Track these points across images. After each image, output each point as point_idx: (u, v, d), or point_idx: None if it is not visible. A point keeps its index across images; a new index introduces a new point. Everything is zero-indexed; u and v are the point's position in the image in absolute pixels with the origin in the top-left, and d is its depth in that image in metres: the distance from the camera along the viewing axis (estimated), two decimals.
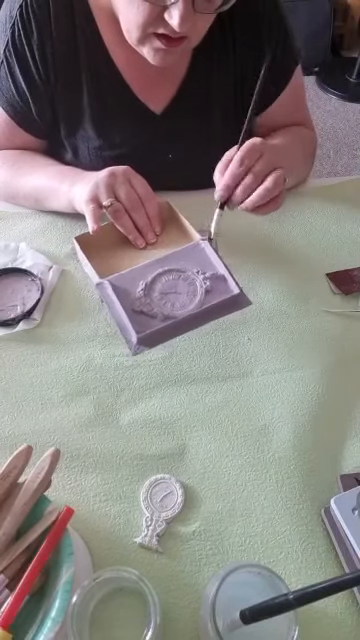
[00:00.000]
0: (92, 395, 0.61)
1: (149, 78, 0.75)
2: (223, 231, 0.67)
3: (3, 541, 0.41)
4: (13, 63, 0.72)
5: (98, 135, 0.78)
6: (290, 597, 0.35)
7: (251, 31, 0.75)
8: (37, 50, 0.71)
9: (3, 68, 0.73)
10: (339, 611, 0.47)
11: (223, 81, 0.78)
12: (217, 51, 0.75)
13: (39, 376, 0.62)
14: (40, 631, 0.38)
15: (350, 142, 2.28)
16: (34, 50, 0.71)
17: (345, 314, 0.68)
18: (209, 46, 0.73)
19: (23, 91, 0.74)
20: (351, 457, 0.56)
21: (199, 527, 0.51)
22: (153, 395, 0.61)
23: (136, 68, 0.74)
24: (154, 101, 0.78)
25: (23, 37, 0.70)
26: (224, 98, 0.79)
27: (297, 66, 0.81)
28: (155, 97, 0.78)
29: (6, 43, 0.71)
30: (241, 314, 0.68)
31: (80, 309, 0.68)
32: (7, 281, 0.70)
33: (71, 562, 0.41)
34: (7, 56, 0.72)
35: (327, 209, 0.82)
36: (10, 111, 0.77)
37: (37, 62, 0.72)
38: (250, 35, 0.75)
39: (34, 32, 0.70)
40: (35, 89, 0.74)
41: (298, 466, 0.55)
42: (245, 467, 0.55)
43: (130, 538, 0.50)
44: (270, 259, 0.75)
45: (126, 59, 0.74)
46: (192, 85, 0.77)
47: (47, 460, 0.45)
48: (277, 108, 0.82)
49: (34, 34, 0.70)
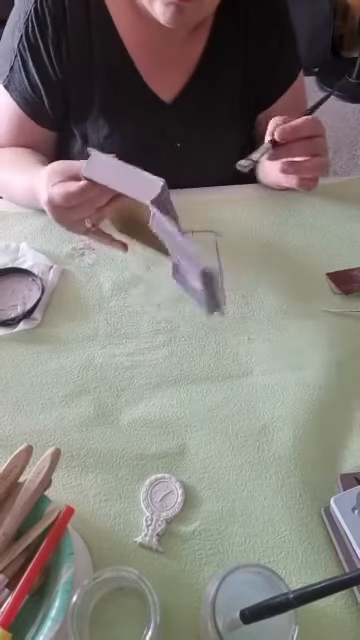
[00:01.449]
0: (92, 395, 0.61)
1: (160, 66, 0.77)
2: (223, 231, 0.67)
3: (3, 541, 0.41)
4: (27, 56, 0.73)
5: (108, 123, 0.79)
6: (290, 596, 0.35)
7: (263, 29, 0.77)
8: (52, 44, 0.72)
9: (17, 62, 0.74)
10: (339, 611, 0.47)
11: (233, 74, 0.80)
12: (229, 44, 0.77)
13: (39, 376, 0.62)
14: (40, 631, 0.38)
15: (350, 142, 2.28)
16: (49, 44, 0.72)
17: (345, 314, 0.68)
18: (222, 39, 0.76)
19: (36, 84, 0.75)
20: (351, 457, 0.56)
21: (199, 527, 0.51)
22: (153, 395, 0.61)
23: (148, 56, 0.76)
24: (164, 90, 0.79)
25: (37, 32, 0.72)
26: (233, 90, 0.81)
27: (301, 70, 0.85)
28: (166, 86, 0.79)
29: (20, 38, 0.72)
30: (241, 314, 0.68)
31: (80, 309, 0.68)
32: (8, 281, 0.70)
33: (71, 562, 0.41)
34: (21, 50, 0.73)
35: (327, 209, 0.82)
36: (22, 104, 0.77)
37: (51, 55, 0.73)
38: (262, 33, 0.78)
39: (49, 27, 0.71)
40: (48, 82, 0.75)
41: (298, 466, 0.55)
42: (245, 467, 0.55)
43: (130, 538, 0.50)
44: (270, 259, 0.75)
45: (139, 47, 0.75)
46: (203, 75, 0.79)
47: (47, 460, 0.45)
48: (279, 108, 0.84)
49: (49, 29, 0.71)
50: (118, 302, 0.69)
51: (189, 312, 0.68)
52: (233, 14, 0.76)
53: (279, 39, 0.80)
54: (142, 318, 0.68)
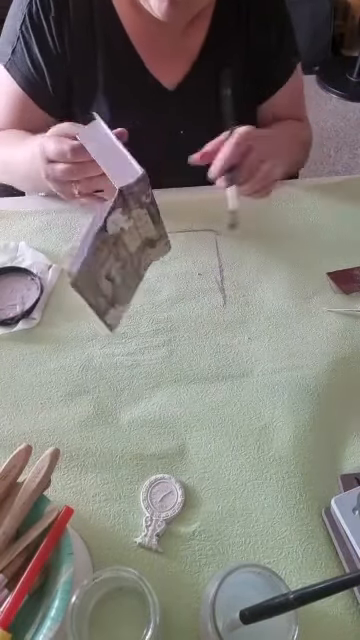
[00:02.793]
0: (92, 395, 0.60)
1: (162, 55, 0.78)
2: (223, 230, 0.67)
3: (3, 540, 0.41)
4: (30, 37, 0.74)
5: (111, 110, 0.79)
6: (290, 597, 0.35)
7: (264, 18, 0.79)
8: (54, 25, 0.73)
9: (19, 44, 0.75)
10: (339, 611, 0.47)
11: (235, 62, 0.80)
12: (231, 33, 0.78)
13: (38, 375, 0.62)
14: (39, 631, 0.38)
15: (350, 141, 2.27)
16: (51, 25, 0.73)
17: (346, 314, 0.68)
18: (223, 27, 0.77)
19: (39, 65, 0.76)
20: (351, 457, 0.56)
21: (199, 527, 0.51)
22: (153, 395, 0.61)
23: (150, 44, 0.76)
24: (167, 77, 0.80)
25: (41, 12, 0.73)
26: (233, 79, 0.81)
27: (299, 63, 0.86)
28: (168, 73, 0.79)
29: (22, 19, 0.73)
30: (241, 314, 0.68)
31: (80, 308, 0.68)
32: (6, 280, 0.70)
33: (70, 562, 0.41)
34: (23, 31, 0.74)
35: (327, 208, 0.81)
36: (25, 86, 0.78)
37: (54, 36, 0.74)
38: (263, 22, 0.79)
39: (52, 8, 0.72)
40: (51, 62, 0.75)
41: (298, 466, 0.55)
42: (245, 467, 0.55)
43: (130, 538, 0.50)
44: (270, 258, 0.75)
45: (140, 37, 0.76)
46: (205, 64, 0.79)
47: (46, 460, 0.45)
48: (278, 99, 0.85)
49: (52, 10, 0.72)
50: None
51: (189, 312, 0.68)
52: (234, 2, 0.77)
53: (279, 29, 0.81)
54: (142, 318, 0.67)
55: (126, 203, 0.46)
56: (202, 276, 0.72)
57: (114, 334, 0.65)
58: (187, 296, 0.70)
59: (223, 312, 0.68)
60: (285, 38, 0.82)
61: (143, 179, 0.46)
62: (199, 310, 0.68)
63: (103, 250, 0.45)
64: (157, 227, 0.51)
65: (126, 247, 0.48)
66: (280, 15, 0.81)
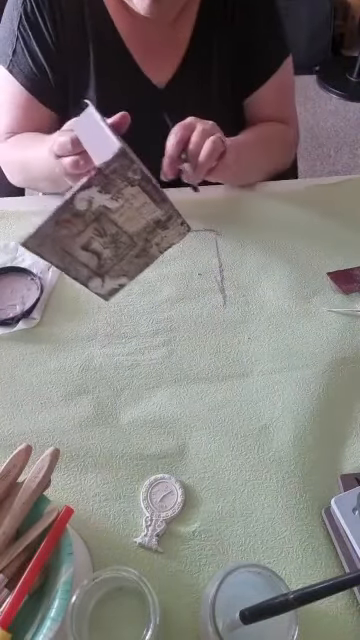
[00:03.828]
0: (92, 395, 0.60)
1: (151, 52, 0.78)
2: (223, 230, 0.67)
3: (2, 540, 0.41)
4: (28, 36, 0.75)
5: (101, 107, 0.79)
6: (290, 597, 0.35)
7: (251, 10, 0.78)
8: (49, 21, 0.74)
9: (19, 44, 0.75)
10: (339, 611, 0.46)
11: (222, 55, 0.80)
12: (217, 25, 0.78)
13: (38, 375, 0.62)
14: (39, 631, 0.38)
15: (350, 141, 2.27)
16: (46, 21, 0.74)
17: (346, 314, 0.68)
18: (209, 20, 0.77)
19: (40, 62, 0.76)
20: (351, 457, 0.56)
21: (199, 527, 0.51)
22: (153, 395, 0.61)
23: (139, 39, 0.77)
24: (157, 74, 0.80)
25: (36, 9, 0.73)
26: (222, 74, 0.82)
27: (288, 57, 0.84)
28: (158, 70, 0.80)
29: (19, 18, 0.74)
30: (241, 314, 0.68)
31: (80, 308, 0.68)
32: (6, 280, 0.70)
33: (70, 562, 0.41)
34: (21, 31, 0.75)
35: (327, 209, 0.81)
36: (28, 85, 0.78)
37: (50, 32, 0.74)
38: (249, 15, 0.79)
39: (46, 3, 0.73)
40: (52, 58, 0.76)
41: (298, 466, 0.55)
42: (245, 467, 0.55)
43: (130, 538, 0.50)
44: (270, 258, 0.75)
45: (129, 30, 0.76)
46: (194, 58, 0.80)
47: (46, 459, 0.45)
48: (264, 94, 0.85)
49: (46, 5, 0.73)
50: (118, 301, 0.69)
51: (189, 312, 0.68)
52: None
53: (267, 21, 0.80)
54: (142, 318, 0.67)
55: (110, 181, 0.44)
56: (202, 276, 0.72)
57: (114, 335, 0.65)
58: (187, 296, 0.70)
59: (223, 312, 0.68)
60: (273, 30, 0.81)
61: (122, 154, 0.44)
62: (199, 310, 0.68)
63: (75, 224, 0.45)
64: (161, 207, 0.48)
65: (116, 225, 0.48)
66: (267, 7, 0.80)
